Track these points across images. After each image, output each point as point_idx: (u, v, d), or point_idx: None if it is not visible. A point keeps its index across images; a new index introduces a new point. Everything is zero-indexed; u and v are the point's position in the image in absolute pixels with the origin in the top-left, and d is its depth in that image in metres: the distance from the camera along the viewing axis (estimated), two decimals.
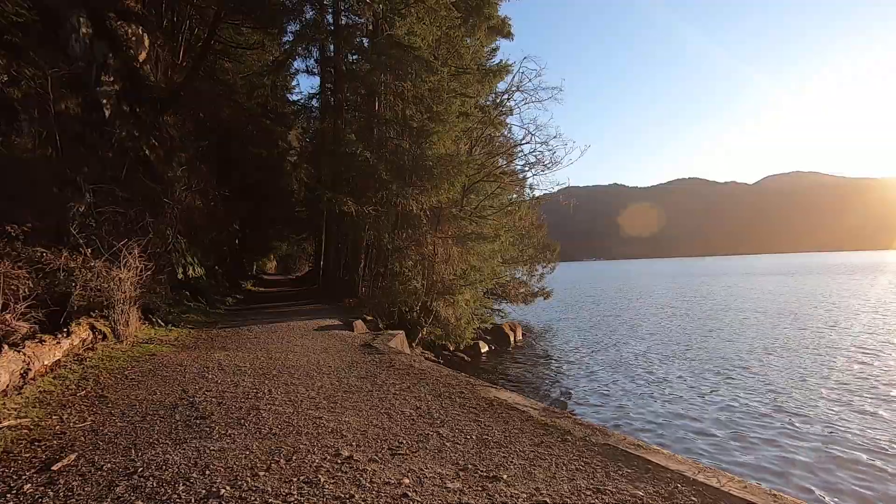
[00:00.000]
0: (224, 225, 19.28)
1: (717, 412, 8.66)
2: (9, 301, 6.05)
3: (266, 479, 2.79)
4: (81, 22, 13.12)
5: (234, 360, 6.32)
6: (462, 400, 4.52)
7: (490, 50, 20.35)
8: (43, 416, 3.90)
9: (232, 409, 4.13)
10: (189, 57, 20.60)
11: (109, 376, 5.27)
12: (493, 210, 14.95)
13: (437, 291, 12.18)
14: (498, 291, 18.46)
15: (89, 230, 8.57)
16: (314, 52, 19.88)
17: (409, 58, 12.24)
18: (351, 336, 8.40)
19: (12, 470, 2.93)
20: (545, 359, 14.46)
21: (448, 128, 12.35)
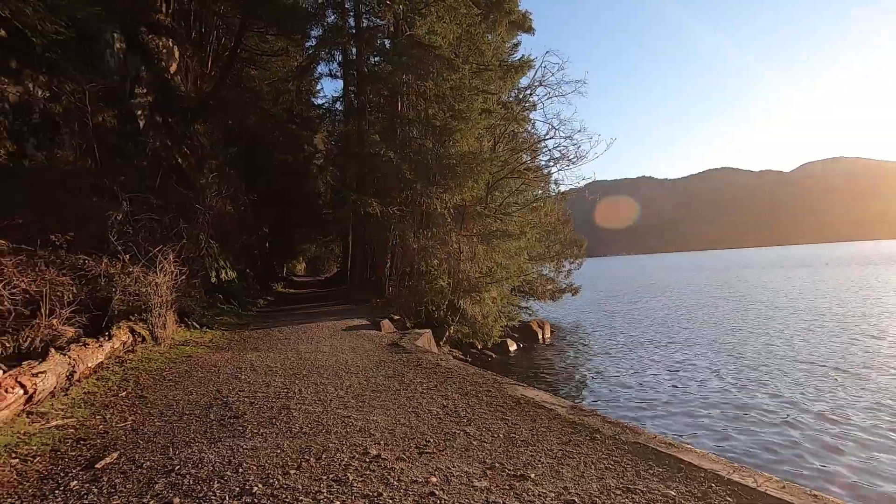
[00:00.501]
0: (254, 229, 19.76)
1: (754, 411, 8.37)
2: (55, 307, 6.36)
3: (297, 477, 2.85)
4: (115, 37, 13.66)
5: (265, 360, 6.47)
6: (489, 398, 4.51)
7: (511, 45, 20.21)
8: (87, 416, 4.08)
9: (264, 409, 4.23)
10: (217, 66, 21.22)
11: (148, 377, 5.47)
12: (518, 207, 14.83)
13: (463, 290, 12.17)
14: (525, 289, 18.32)
15: (127, 237, 8.91)
16: (337, 56, 20.14)
17: (429, 57, 12.27)
18: (378, 335, 8.48)
19: (60, 467, 3.08)
20: (574, 356, 14.28)
21: (471, 125, 12.31)
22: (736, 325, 17.74)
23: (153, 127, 14.73)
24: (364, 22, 18.76)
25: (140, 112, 14.27)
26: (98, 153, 11.01)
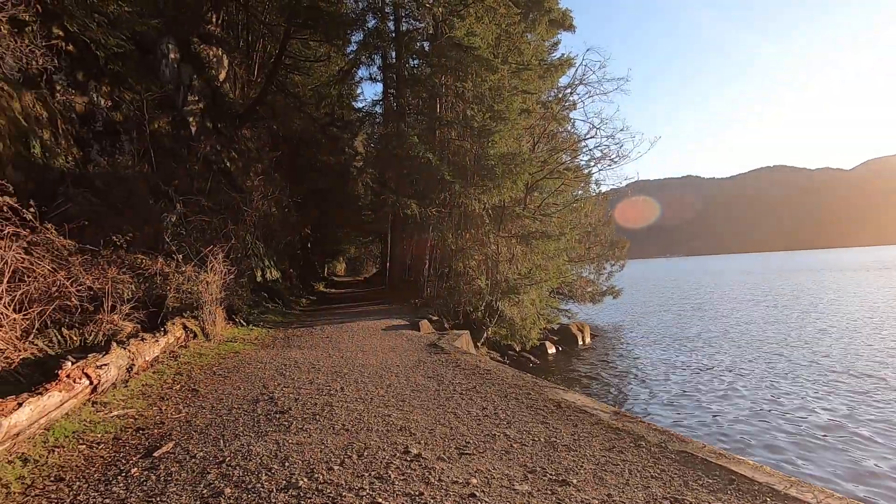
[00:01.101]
0: (297, 230, 20.35)
1: (810, 424, 7.90)
2: (116, 303, 6.76)
3: (340, 473, 2.91)
4: (170, 48, 14.40)
5: (308, 358, 6.64)
6: (529, 401, 4.46)
7: (551, 44, 19.96)
8: (145, 407, 4.32)
9: (308, 405, 4.35)
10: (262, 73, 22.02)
11: (200, 372, 5.73)
12: (558, 207, 14.60)
13: (501, 291, 12.10)
14: (564, 291, 18.03)
15: (180, 238, 9.39)
16: (377, 60, 20.50)
17: (468, 58, 12.27)
18: (417, 336, 8.55)
19: (121, 455, 3.27)
20: (615, 361, 13.92)
21: (510, 126, 12.24)
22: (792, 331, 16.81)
23: (204, 132, 15.45)
24: (403, 25, 19.01)
25: (192, 118, 14.99)
26: (154, 158, 11.64)
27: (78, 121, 10.03)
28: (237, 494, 2.63)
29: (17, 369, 4.72)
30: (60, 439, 3.35)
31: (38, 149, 8.53)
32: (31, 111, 8.62)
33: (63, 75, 9.80)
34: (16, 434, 3.01)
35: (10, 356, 4.87)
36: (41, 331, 5.69)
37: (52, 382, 3.65)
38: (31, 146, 8.34)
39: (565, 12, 17.77)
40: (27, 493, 2.70)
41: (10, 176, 7.28)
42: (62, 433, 3.41)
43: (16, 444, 3.03)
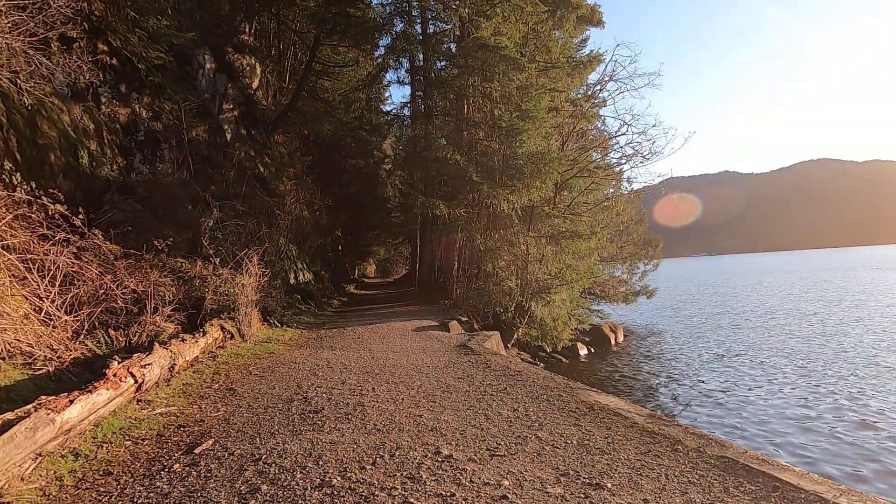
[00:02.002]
0: (328, 233, 20.72)
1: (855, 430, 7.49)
2: (158, 305, 7.04)
3: (372, 472, 2.94)
4: (206, 58, 14.91)
5: (340, 358, 6.75)
6: (560, 403, 4.40)
7: (580, 41, 19.68)
8: (186, 406, 4.47)
9: (340, 405, 4.42)
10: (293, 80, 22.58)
11: (237, 372, 5.90)
12: (588, 206, 14.37)
13: (531, 291, 11.99)
14: (596, 291, 17.71)
15: (217, 242, 9.71)
16: (404, 63, 20.70)
17: (495, 58, 12.23)
18: (447, 337, 8.57)
19: (164, 451, 3.40)
20: (649, 363, 13.56)
21: (538, 125, 12.12)
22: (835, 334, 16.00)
23: (238, 139, 15.94)
24: (430, 27, 19.13)
25: (227, 126, 15.48)
26: (192, 165, 12.08)
27: (122, 131, 10.50)
28: (273, 491, 2.70)
29: (69, 368, 4.98)
30: (108, 435, 3.51)
31: (86, 159, 8.95)
32: (79, 123, 9.07)
33: (108, 88, 10.29)
34: (68, 430, 3.18)
35: (63, 355, 5.13)
36: (89, 332, 5.97)
37: (101, 381, 3.83)
38: (79, 156, 8.77)
39: (593, 8, 17.47)
40: (79, 486, 2.84)
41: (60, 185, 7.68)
42: (110, 429, 3.58)
43: (67, 439, 3.20)
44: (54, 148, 8.25)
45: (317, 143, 22.01)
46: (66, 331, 5.68)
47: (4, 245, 5.53)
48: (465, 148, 13.18)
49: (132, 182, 10.35)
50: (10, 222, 5.80)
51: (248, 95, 17.55)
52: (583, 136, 16.99)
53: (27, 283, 5.69)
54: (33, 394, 4.28)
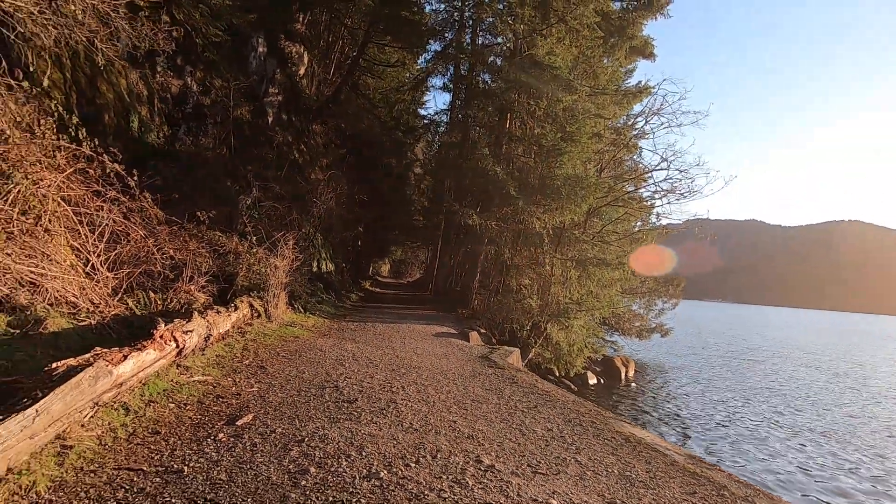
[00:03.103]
0: (352, 226, 20.82)
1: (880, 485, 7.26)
2: (194, 275, 7.13)
3: (417, 471, 2.92)
4: (260, 42, 15.19)
5: (364, 352, 6.74)
6: (595, 430, 4.34)
7: (627, 70, 19.71)
8: (221, 377, 4.50)
9: (373, 399, 4.40)
10: (338, 73, 22.89)
11: (265, 351, 5.92)
12: (618, 236, 14.28)
13: (550, 313, 11.89)
14: (611, 322, 17.51)
15: (254, 220, 9.82)
16: (450, 71, 20.90)
17: (546, 77, 12.27)
18: (467, 346, 8.52)
19: (206, 418, 3.42)
20: (659, 402, 13.33)
21: (580, 148, 12.10)
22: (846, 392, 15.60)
23: (279, 123, 16.16)
24: (480, 39, 19.32)
25: (270, 109, 15.71)
26: (233, 142, 12.27)
27: (171, 101, 10.71)
28: (322, 475, 2.69)
29: (109, 323, 5.04)
30: (154, 395, 3.54)
31: (136, 123, 9.14)
32: (133, 88, 9.27)
33: (164, 58, 10.51)
34: (120, 384, 3.21)
35: (104, 310, 5.21)
36: (127, 291, 6.06)
37: (149, 341, 3.87)
38: (130, 120, 8.95)
39: (647, 40, 17.50)
40: (130, 440, 2.86)
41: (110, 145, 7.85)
42: (155, 389, 3.61)
43: (119, 393, 3.23)
44: (109, 109, 8.43)
45: (352, 138, 22.21)
46: (107, 287, 5.77)
47: (63, 196, 5.65)
48: (503, 161, 13.20)
49: (176, 152, 10.53)
50: (70, 175, 5.93)
51: (293, 82, 17.81)
52: (619, 165, 16.93)
53: (77, 236, 5.80)
54: (77, 343, 4.34)
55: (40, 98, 6.61)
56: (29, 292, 4.49)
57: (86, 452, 2.57)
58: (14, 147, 5.03)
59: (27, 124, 5.77)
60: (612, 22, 16.14)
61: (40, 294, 4.59)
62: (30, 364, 3.41)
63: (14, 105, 5.75)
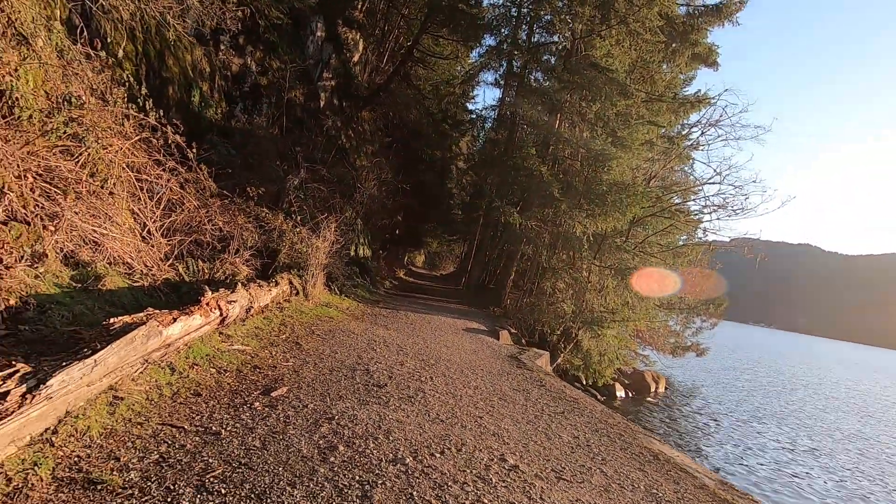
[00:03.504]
0: (392, 215, 21.06)
1: None
2: (239, 248, 7.39)
3: (442, 461, 2.94)
4: (318, 26, 15.50)
5: (395, 339, 6.83)
6: (622, 442, 4.24)
7: (686, 78, 19.00)
8: (258, 349, 4.66)
9: (402, 386, 4.46)
10: (391, 62, 23.09)
11: (301, 328, 6.09)
12: (660, 248, 13.83)
13: (583, 320, 11.69)
14: (645, 335, 17.04)
15: (299, 201, 10.07)
16: (503, 66, 20.74)
17: (602, 79, 11.98)
18: (497, 344, 8.50)
19: (244, 386, 3.55)
20: (688, 423, 12.90)
21: (630, 155, 11.78)
22: None
23: (330, 108, 16.47)
24: (536, 37, 19.05)
25: (323, 94, 16.02)
26: (285, 123, 12.59)
27: (231, 79, 11.07)
28: (350, 454, 2.75)
29: (160, 287, 5.30)
30: (197, 359, 3.70)
31: (198, 98, 9.50)
32: (197, 64, 9.62)
33: (228, 38, 10.87)
34: (168, 344, 3.37)
35: (156, 274, 5.47)
36: (178, 258, 6.34)
37: (196, 307, 4.04)
38: (192, 95, 9.31)
39: (711, 48, 16.77)
40: (174, 398, 3.01)
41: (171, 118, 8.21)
42: (198, 353, 3.77)
43: (167, 353, 3.40)
44: (174, 83, 8.79)
45: (399, 127, 22.40)
46: (160, 252, 6.06)
47: (128, 162, 5.96)
48: (549, 162, 13.00)
49: (231, 128, 10.88)
50: (135, 143, 6.25)
51: (347, 68, 18.08)
52: (669, 175, 16.39)
53: (137, 202, 6.11)
54: (131, 302, 4.59)
55: (114, 68, 6.98)
56: (91, 250, 4.77)
57: (134, 405, 2.72)
58: (89, 113, 5.33)
59: (101, 92, 6.11)
60: (675, 27, 15.56)
61: (101, 253, 4.86)
62: (88, 317, 3.63)
63: (91, 73, 6.08)
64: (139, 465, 2.21)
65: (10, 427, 1.97)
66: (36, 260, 3.87)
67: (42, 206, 4.32)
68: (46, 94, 5.02)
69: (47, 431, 2.20)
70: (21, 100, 4.51)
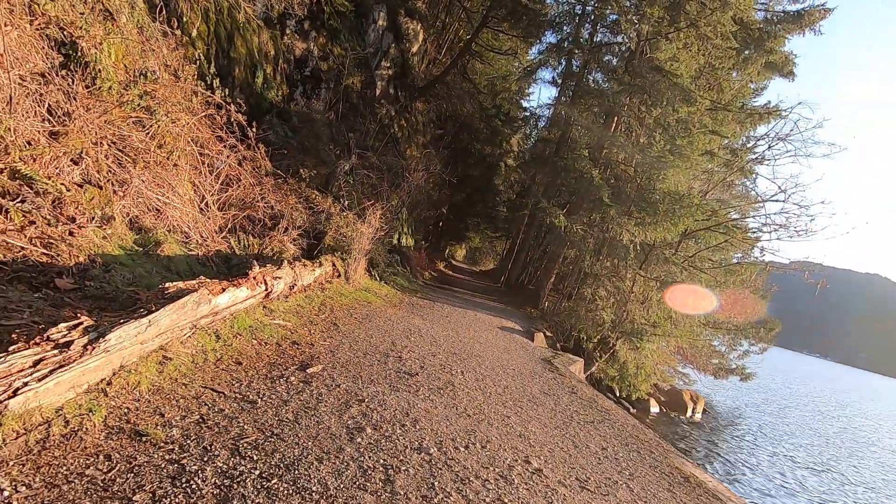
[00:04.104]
0: (437, 207, 21.19)
1: None
2: (288, 226, 7.64)
3: (465, 456, 2.94)
4: (381, 16, 15.69)
5: (430, 330, 6.88)
6: (652, 460, 4.11)
7: (756, 87, 17.97)
8: (298, 326, 4.81)
9: (432, 377, 4.49)
10: (449, 54, 23.10)
11: (340, 310, 6.24)
12: (712, 264, 13.21)
13: (623, 330, 11.37)
14: (686, 353, 16.38)
15: (348, 186, 10.29)
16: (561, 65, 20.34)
17: (665, 84, 11.51)
18: (531, 346, 8.41)
19: (281, 360, 3.68)
20: (725, 448, 12.35)
21: (689, 164, 11.29)
22: None
23: (385, 96, 16.68)
24: (598, 36, 18.55)
25: (379, 81, 16.23)
26: (341, 109, 12.85)
27: (293, 63, 11.39)
28: (376, 438, 2.80)
29: (213, 258, 5.57)
30: (240, 329, 3.87)
31: (261, 80, 9.83)
32: (263, 47, 9.95)
33: (294, 22, 11.19)
34: (216, 313, 3.54)
35: (210, 245, 5.75)
36: (231, 232, 6.62)
37: (243, 279, 4.22)
38: (256, 76, 9.65)
39: (788, 57, 15.75)
40: (217, 364, 3.16)
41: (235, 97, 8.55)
42: (242, 324, 3.94)
43: (214, 321, 3.57)
44: (240, 64, 9.13)
45: (451, 120, 22.42)
46: (214, 224, 6.35)
47: (193, 137, 6.27)
48: (601, 166, 12.66)
49: (289, 110, 11.21)
50: (200, 119, 6.57)
51: (405, 58, 18.22)
52: (728, 188, 15.60)
53: (198, 175, 6.42)
54: (185, 269, 4.84)
55: (187, 46, 7.34)
56: (154, 217, 5.06)
57: (181, 366, 2.88)
58: (161, 87, 5.65)
59: (174, 68, 6.45)
60: (750, 32, 14.71)
61: (162, 220, 5.15)
62: (146, 280, 3.86)
63: (166, 50, 6.43)
64: (181, 423, 2.34)
65: (71, 374, 2.13)
66: (104, 222, 4.14)
67: (113, 172, 4.62)
68: (125, 68, 5.35)
69: (102, 382, 2.36)
70: (103, 72, 4.82)
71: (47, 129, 4.15)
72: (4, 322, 2.43)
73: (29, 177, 3.59)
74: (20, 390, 1.92)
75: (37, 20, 4.32)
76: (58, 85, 4.31)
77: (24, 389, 1.93)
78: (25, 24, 4.17)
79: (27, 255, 3.23)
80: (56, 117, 4.26)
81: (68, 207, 3.86)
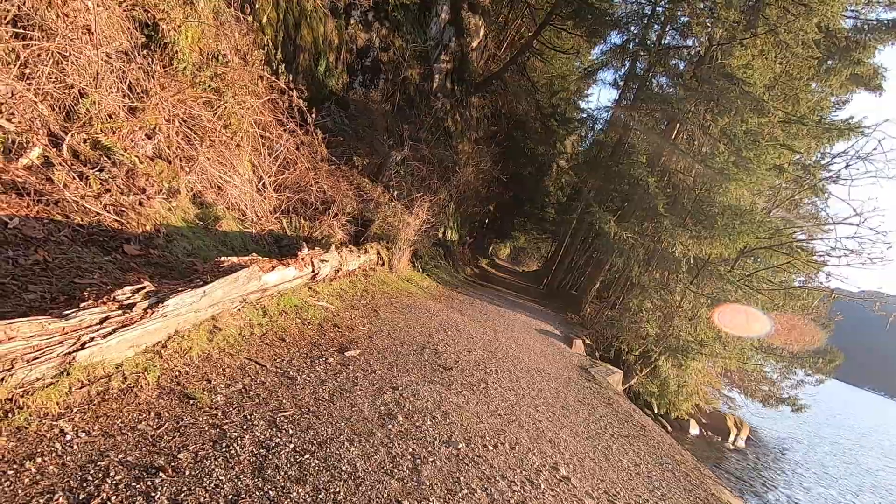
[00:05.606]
0: (485, 203, 21.10)
1: None
2: (338, 212, 7.84)
3: (493, 455, 2.93)
4: (444, 9, 15.72)
5: (468, 326, 6.89)
6: (688, 483, 3.95)
7: (838, 101, 16.70)
8: (340, 309, 4.93)
9: (466, 373, 4.49)
10: (509, 51, 22.85)
11: (382, 298, 6.35)
12: (770, 286, 12.45)
13: (667, 346, 10.94)
14: (734, 376, 15.56)
15: (399, 177, 10.44)
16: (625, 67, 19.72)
17: (735, 92, 10.91)
18: (569, 352, 8.25)
19: (322, 341, 3.79)
20: (768, 480, 11.65)
21: (754, 179, 10.65)
22: None
23: (442, 90, 16.72)
24: (666, 39, 17.80)
25: (437, 75, 16.28)
26: (398, 100, 13.01)
27: (355, 52, 11.61)
28: (406, 426, 2.83)
29: (265, 237, 5.79)
30: (286, 307, 4.01)
31: (323, 68, 10.08)
32: (328, 36, 10.20)
33: (359, 13, 11.39)
34: (264, 289, 3.69)
35: (264, 225, 5.98)
36: (284, 213, 6.87)
37: (292, 259, 4.37)
38: (318, 64, 9.91)
39: (876, 69, 14.53)
40: (262, 339, 3.30)
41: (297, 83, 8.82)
42: (288, 303, 4.09)
43: (262, 297, 3.72)
44: (304, 51, 9.39)
45: (506, 117, 22.22)
46: (269, 204, 6.60)
47: (256, 120, 6.54)
48: (658, 174, 12.18)
49: (348, 99, 11.45)
50: (264, 103, 6.83)
51: (465, 53, 18.18)
52: (795, 207, 14.62)
53: (258, 156, 6.68)
54: (240, 245, 5.07)
55: (257, 32, 7.64)
56: (215, 193, 5.32)
57: (229, 337, 3.03)
58: (231, 70, 5.91)
59: (244, 53, 6.72)
60: (835, 41, 13.68)
61: (222, 197, 5.40)
62: (204, 252, 4.07)
63: (238, 35, 6.71)
64: (225, 391, 2.46)
65: (132, 334, 2.28)
66: (171, 195, 4.39)
67: (182, 149, 4.88)
68: (199, 50, 5.63)
69: (158, 344, 2.51)
70: (179, 53, 5.09)
71: (126, 105, 4.43)
72: (78, 280, 2.63)
73: (108, 148, 3.86)
74: (87, 344, 2.07)
75: (125, 2, 4.61)
76: (139, 63, 4.60)
77: (91, 344, 2.08)
78: (115, 6, 4.46)
79: (101, 220, 3.48)
80: (135, 94, 4.55)
81: (140, 179, 4.12)
